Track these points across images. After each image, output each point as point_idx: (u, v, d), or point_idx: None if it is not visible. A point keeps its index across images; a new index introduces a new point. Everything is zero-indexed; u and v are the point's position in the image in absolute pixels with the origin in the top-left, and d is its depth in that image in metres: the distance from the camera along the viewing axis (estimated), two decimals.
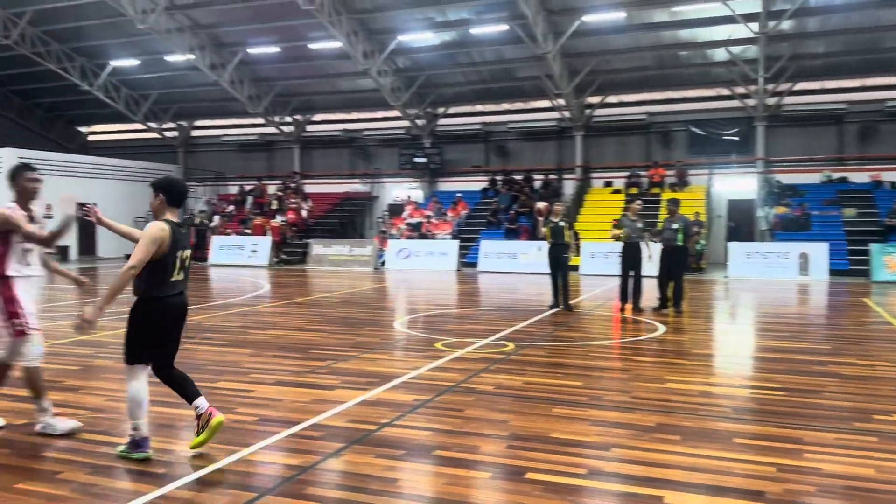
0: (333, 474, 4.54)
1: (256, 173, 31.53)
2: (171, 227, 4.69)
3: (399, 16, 23.38)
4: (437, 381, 7.01)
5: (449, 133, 28.98)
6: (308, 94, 29.43)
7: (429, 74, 26.44)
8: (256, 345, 9.10)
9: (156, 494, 4.15)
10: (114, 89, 29.44)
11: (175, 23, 24.67)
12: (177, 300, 4.88)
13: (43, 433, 5.22)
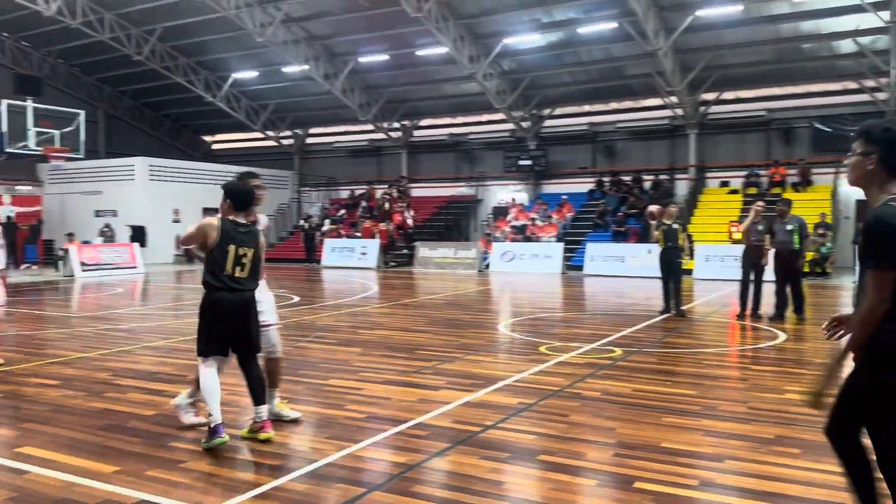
0: (439, 473, 4.60)
1: (366, 178, 32.41)
2: (224, 223, 5.12)
3: (505, 19, 23.40)
4: (542, 385, 6.95)
5: (554, 134, 28.70)
6: (415, 100, 29.97)
7: (534, 76, 26.30)
8: (365, 344, 9.34)
9: (272, 486, 4.35)
10: (235, 100, 31.08)
11: (291, 35, 25.77)
12: (231, 295, 5.11)
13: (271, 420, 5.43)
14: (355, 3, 23.48)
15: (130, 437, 5.30)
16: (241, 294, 5.17)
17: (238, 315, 5.16)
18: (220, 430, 5.00)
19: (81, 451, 4.98)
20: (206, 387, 5.08)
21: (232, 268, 5.10)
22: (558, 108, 28.60)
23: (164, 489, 4.28)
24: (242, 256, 5.13)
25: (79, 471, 4.59)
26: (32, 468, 4.64)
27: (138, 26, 26.96)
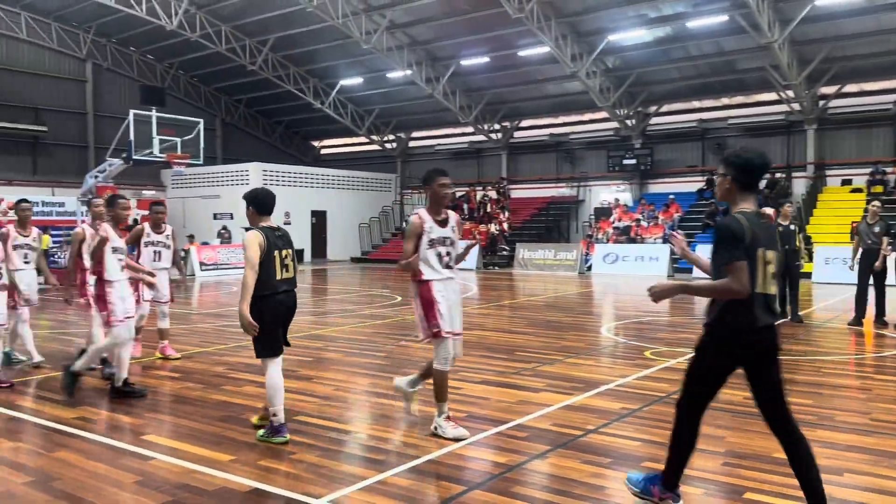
0: (539, 476, 4.58)
1: (467, 179, 32.63)
2: (264, 232, 5.25)
3: (609, 15, 22.95)
4: (646, 390, 6.79)
5: (661, 132, 27.87)
6: (516, 101, 29.90)
7: (640, 72, 25.64)
8: (465, 344, 9.39)
9: (375, 479, 4.47)
10: (341, 106, 32.06)
11: (395, 41, 26.33)
12: (284, 297, 5.36)
13: (434, 434, 5.31)
14: (457, 7, 23.71)
15: (245, 428, 5.59)
16: (290, 295, 5.44)
17: (289, 314, 5.49)
18: (283, 429, 5.22)
19: (200, 441, 5.30)
20: (273, 385, 5.25)
21: (281, 271, 5.31)
22: (665, 105, 27.75)
23: (274, 478, 4.50)
24: (286, 258, 5.38)
25: (198, 458, 4.88)
26: (156, 455, 4.98)
27: (252, 37, 28.30)
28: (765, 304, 3.62)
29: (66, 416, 6.00)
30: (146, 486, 4.40)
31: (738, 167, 3.70)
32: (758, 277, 3.59)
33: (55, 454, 5.06)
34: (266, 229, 5.31)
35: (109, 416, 6.00)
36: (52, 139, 28.93)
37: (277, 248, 5.29)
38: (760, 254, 3.59)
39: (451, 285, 5.45)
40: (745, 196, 3.70)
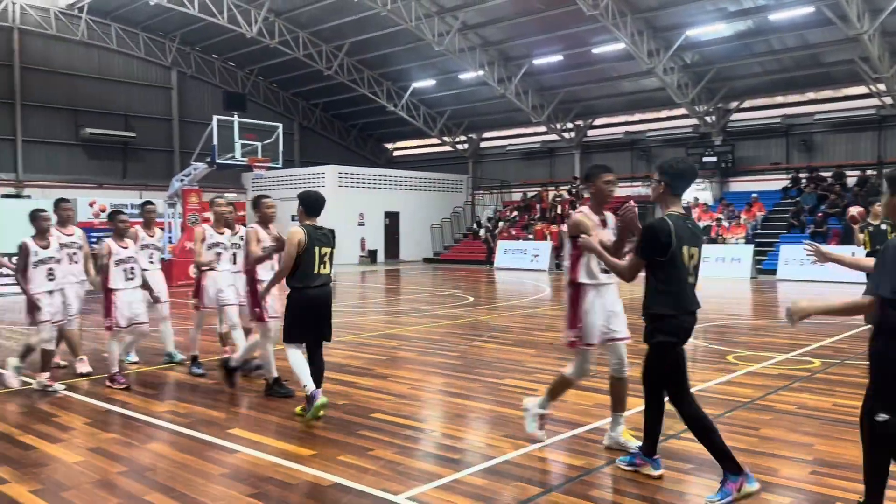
0: (617, 480, 4.51)
1: (539, 180, 32.40)
2: (307, 230, 5.73)
3: (687, 10, 22.36)
4: (729, 395, 6.58)
5: (742, 129, 26.95)
6: (590, 99, 29.49)
7: (720, 68, 24.87)
8: (539, 346, 9.36)
9: (452, 478, 4.50)
10: (414, 108, 32.39)
11: (467, 42, 26.41)
12: (317, 291, 5.77)
13: (609, 447, 5.03)
14: (530, 6, 23.58)
15: (324, 423, 5.72)
16: (325, 289, 5.86)
17: (323, 307, 5.87)
18: (316, 395, 5.59)
19: (282, 435, 5.46)
20: (296, 365, 5.72)
21: (318, 267, 5.76)
22: (747, 101, 26.82)
23: (354, 474, 4.58)
24: (325, 255, 5.79)
25: (281, 453, 5.04)
26: (241, 448, 5.16)
27: (328, 42, 28.93)
28: (691, 293, 4.31)
29: (157, 410, 6.29)
30: (232, 479, 4.57)
31: (672, 175, 4.25)
32: (682, 271, 4.16)
33: (147, 446, 5.31)
34: (309, 227, 5.79)
35: (197, 410, 6.24)
36: (140, 144, 30.34)
37: (318, 245, 5.75)
38: (684, 251, 4.16)
39: (607, 291, 5.04)
40: (675, 200, 4.29)
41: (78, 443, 5.35)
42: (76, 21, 28.18)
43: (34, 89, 27.54)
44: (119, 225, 7.43)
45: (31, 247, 7.14)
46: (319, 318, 5.85)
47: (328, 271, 5.86)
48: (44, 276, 7.15)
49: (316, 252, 5.75)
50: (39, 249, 7.13)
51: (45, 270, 7.14)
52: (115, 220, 7.44)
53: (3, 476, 4.63)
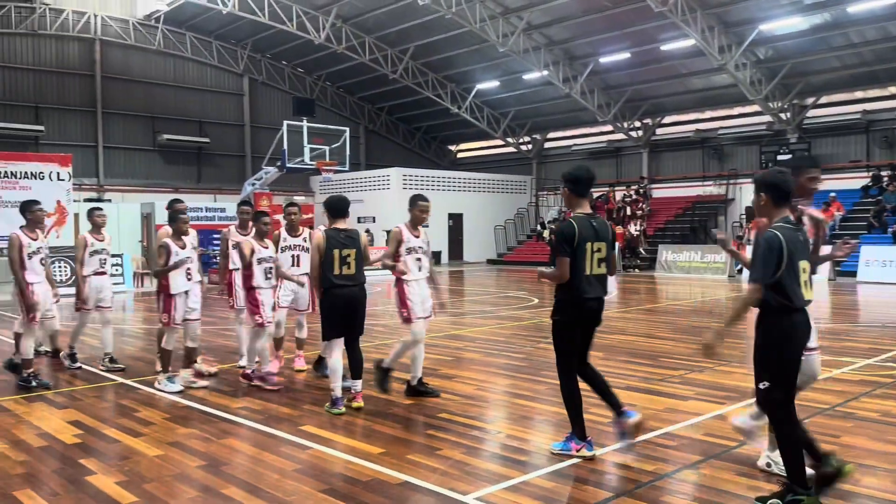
0: (689, 486, 4.42)
1: (605, 180, 31.93)
2: (326, 233, 6.11)
3: (760, 4, 21.66)
4: (808, 401, 6.33)
5: (819, 125, 25.91)
6: (658, 97, 28.90)
7: (795, 62, 23.99)
8: (607, 349, 9.22)
9: (520, 480, 4.50)
10: (477, 110, 32.42)
11: (532, 42, 26.28)
12: (343, 290, 6.09)
13: (764, 470, 4.59)
14: (597, 4, 23.29)
15: (393, 422, 5.80)
16: (351, 289, 6.14)
17: (351, 305, 6.16)
18: (338, 402, 6.05)
19: (352, 433, 5.57)
20: (333, 366, 6.14)
21: (340, 267, 6.06)
22: (824, 97, 25.78)
23: (423, 473, 4.63)
24: (347, 257, 6.08)
25: (351, 450, 5.13)
26: (313, 444, 5.28)
27: (393, 47, 29.27)
28: (591, 282, 4.82)
29: (233, 406, 6.49)
30: (305, 475, 4.68)
31: (570, 182, 4.90)
32: (585, 263, 4.78)
33: (223, 441, 5.49)
34: (332, 230, 6.14)
35: (271, 407, 6.41)
36: (213, 149, 31.35)
37: (338, 247, 6.05)
38: (588, 246, 4.78)
39: None
40: (580, 202, 4.92)
41: (158, 437, 5.58)
42: (153, 31, 29.36)
43: (114, 98, 28.82)
44: (262, 227, 7.28)
45: (172, 247, 7.18)
46: (346, 316, 6.15)
47: (352, 271, 6.13)
48: (183, 277, 7.25)
49: (336, 254, 6.05)
50: (179, 250, 7.27)
51: (184, 271, 7.28)
52: (258, 221, 7.32)
53: (90, 467, 4.87)
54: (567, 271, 4.74)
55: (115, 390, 7.28)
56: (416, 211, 6.62)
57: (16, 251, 7.37)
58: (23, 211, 7.65)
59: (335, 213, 6.26)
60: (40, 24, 26.86)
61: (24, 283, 7.38)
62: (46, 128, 26.83)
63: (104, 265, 8.48)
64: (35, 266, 7.50)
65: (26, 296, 7.37)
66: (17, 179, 21.71)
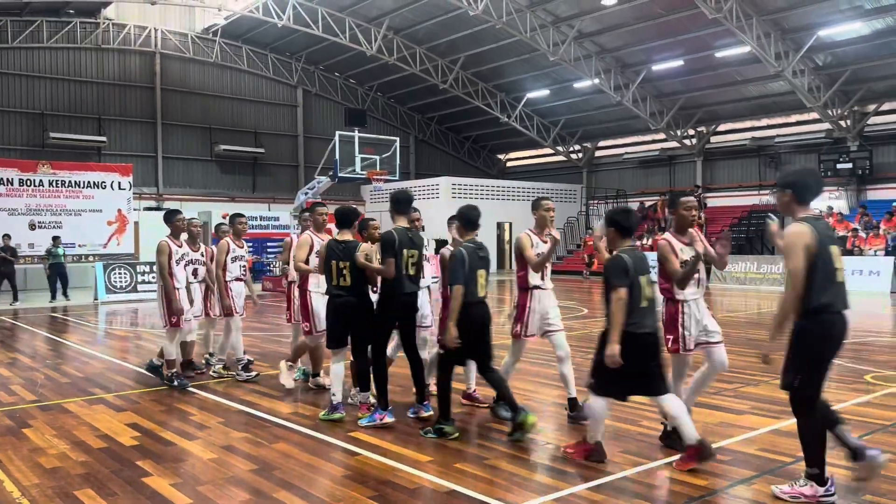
0: (743, 501, 4.31)
1: (658, 189, 31.45)
2: (329, 244, 6.31)
3: (818, 10, 21.08)
4: (867, 417, 6.13)
5: (882, 133, 25.01)
6: (712, 105, 28.35)
7: (856, 68, 23.24)
8: None
9: (569, 491, 4.46)
10: (527, 119, 32.34)
11: (583, 51, 26.12)
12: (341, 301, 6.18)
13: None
14: (649, 11, 23.02)
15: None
16: (347, 299, 6.16)
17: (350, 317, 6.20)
18: (339, 407, 6.17)
19: (401, 440, 5.60)
20: (336, 373, 6.26)
21: (337, 279, 6.14)
22: (887, 104, 24.92)
23: (471, 482, 4.63)
24: (343, 269, 6.14)
25: (399, 457, 5.17)
26: (362, 451, 5.33)
27: (444, 57, 29.46)
28: (408, 279, 5.95)
29: (283, 412, 6.61)
30: (354, 481, 4.73)
31: (392, 200, 6.33)
32: (402, 265, 5.88)
33: (275, 445, 5.59)
34: (332, 241, 6.29)
35: (320, 413, 6.49)
36: (268, 160, 32.00)
37: (335, 259, 6.16)
38: (405, 252, 5.91)
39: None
40: (400, 218, 6.34)
41: (212, 440, 5.72)
42: (210, 44, 30.19)
43: (173, 109, 29.70)
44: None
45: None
46: (348, 325, 6.20)
47: (348, 283, 6.16)
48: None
49: (333, 265, 6.18)
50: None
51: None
52: (366, 227, 7.31)
53: (147, 469, 5.02)
54: (392, 271, 5.87)
55: (171, 394, 7.48)
56: (542, 211, 6.27)
57: (165, 257, 7.76)
58: (166, 220, 8.13)
59: (340, 223, 6.33)
60: (104, 39, 27.89)
61: (172, 288, 7.68)
62: (108, 139, 27.81)
63: (244, 271, 8.53)
64: (178, 273, 7.83)
65: (173, 300, 7.65)
66: (81, 189, 22.60)
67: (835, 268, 4.20)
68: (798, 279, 4.11)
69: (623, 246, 4.97)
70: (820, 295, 4.13)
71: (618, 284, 4.75)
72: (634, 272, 4.83)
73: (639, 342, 4.78)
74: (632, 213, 5.21)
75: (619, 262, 4.85)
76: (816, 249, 4.11)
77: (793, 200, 4.34)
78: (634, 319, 4.79)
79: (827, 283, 4.15)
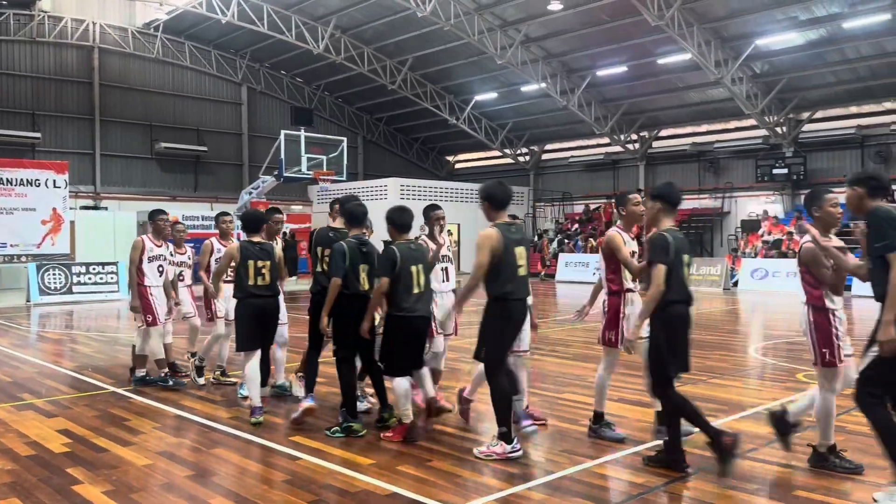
0: (677, 498, 4.40)
1: (602, 192, 32.00)
2: (241, 244, 6.28)
3: (756, 19, 21.79)
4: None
5: (815, 140, 26.02)
6: (654, 110, 29.01)
7: (791, 77, 24.11)
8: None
9: (510, 492, 4.48)
10: (475, 121, 32.50)
11: (530, 55, 26.39)
12: (255, 301, 6.23)
13: None
14: (594, 18, 23.41)
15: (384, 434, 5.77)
16: (266, 299, 6.26)
17: (265, 317, 6.31)
18: (255, 412, 6.11)
19: (343, 444, 5.54)
20: (247, 375, 6.28)
21: (255, 279, 6.17)
22: (820, 111, 25.91)
23: (413, 484, 4.61)
24: (261, 268, 6.24)
25: (341, 461, 5.11)
26: (303, 455, 5.25)
27: (392, 58, 29.37)
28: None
29: (222, 416, 6.46)
30: (294, 485, 4.65)
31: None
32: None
33: (213, 451, 5.46)
34: (246, 243, 6.30)
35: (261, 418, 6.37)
36: (211, 158, 31.36)
37: (252, 259, 6.18)
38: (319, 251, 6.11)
39: None
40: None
41: (148, 446, 5.55)
42: (152, 39, 29.43)
43: (112, 105, 28.84)
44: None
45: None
46: (262, 327, 6.30)
47: (267, 282, 6.26)
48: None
49: (250, 265, 6.22)
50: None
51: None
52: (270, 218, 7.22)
53: (77, 477, 4.84)
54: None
55: (105, 399, 7.24)
56: (631, 206, 5.89)
57: (137, 252, 7.65)
58: (150, 218, 7.98)
59: (247, 228, 6.40)
60: (39, 32, 26.90)
61: (136, 284, 7.61)
62: (43, 135, 26.82)
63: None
64: (148, 271, 7.70)
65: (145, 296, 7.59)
66: (13, 186, 21.69)
67: (518, 265, 5.14)
68: (481, 271, 5.07)
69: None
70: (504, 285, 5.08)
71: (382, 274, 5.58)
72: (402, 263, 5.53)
73: (404, 323, 5.53)
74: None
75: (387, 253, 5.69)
76: (501, 250, 5.01)
77: (490, 209, 5.28)
78: (407, 304, 5.51)
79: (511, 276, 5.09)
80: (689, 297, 5.00)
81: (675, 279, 4.81)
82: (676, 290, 4.82)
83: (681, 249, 4.95)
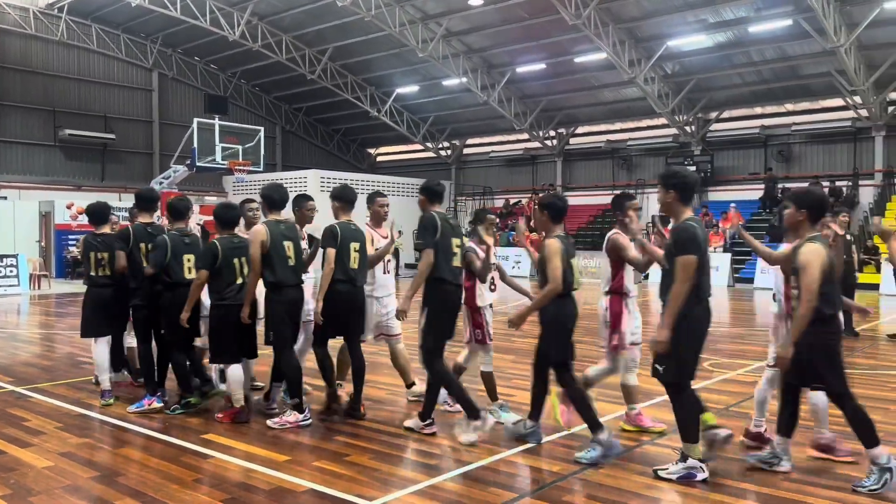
0: (592, 486, 4.53)
1: (521, 187, 32.50)
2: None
3: (668, 21, 22.59)
4: (706, 401, 6.61)
5: (722, 139, 27.24)
6: (571, 108, 29.66)
7: (700, 78, 25.14)
8: (518, 352, 9.38)
9: (427, 484, 4.50)
10: (397, 114, 32.36)
11: (451, 49, 26.47)
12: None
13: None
14: (514, 14, 23.70)
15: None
16: (111, 290, 6.54)
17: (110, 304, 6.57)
18: (105, 395, 6.46)
19: (257, 441, 5.42)
20: (98, 363, 6.56)
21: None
22: (726, 112, 27.13)
23: (329, 479, 4.56)
24: (102, 259, 6.50)
25: (254, 458, 5.00)
26: (215, 453, 5.11)
27: (312, 47, 28.85)
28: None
29: (131, 416, 6.21)
30: (205, 484, 4.53)
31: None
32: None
33: (119, 450, 5.25)
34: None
35: (173, 417, 6.17)
36: (119, 146, 30.00)
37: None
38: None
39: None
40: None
41: (48, 447, 5.28)
42: (56, 21, 27.87)
43: (11, 89, 27.16)
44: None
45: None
46: (109, 315, 6.58)
47: (107, 273, 6.52)
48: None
49: (92, 256, 6.51)
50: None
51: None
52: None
53: None
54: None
55: (4, 399, 6.84)
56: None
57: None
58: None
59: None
60: None
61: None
62: None
63: None
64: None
65: None
66: None
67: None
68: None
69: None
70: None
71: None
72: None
73: (226, 311, 5.89)
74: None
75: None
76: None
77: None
78: (230, 294, 5.90)
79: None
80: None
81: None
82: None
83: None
